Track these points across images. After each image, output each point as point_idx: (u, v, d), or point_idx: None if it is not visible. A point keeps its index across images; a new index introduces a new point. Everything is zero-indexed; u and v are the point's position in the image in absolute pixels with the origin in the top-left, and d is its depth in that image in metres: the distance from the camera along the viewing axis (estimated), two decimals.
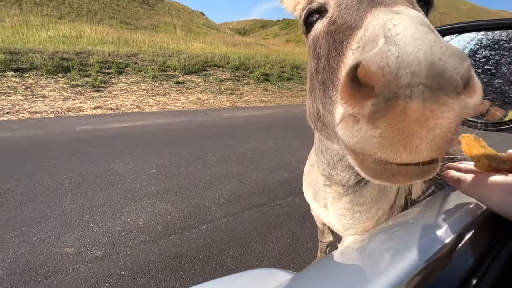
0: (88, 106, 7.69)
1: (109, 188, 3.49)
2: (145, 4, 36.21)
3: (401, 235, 0.67)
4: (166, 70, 12.20)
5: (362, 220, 1.32)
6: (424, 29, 0.36)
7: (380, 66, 0.34)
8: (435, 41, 0.34)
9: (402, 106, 0.34)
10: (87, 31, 17.66)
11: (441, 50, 0.33)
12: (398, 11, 0.42)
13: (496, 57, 0.70)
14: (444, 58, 0.33)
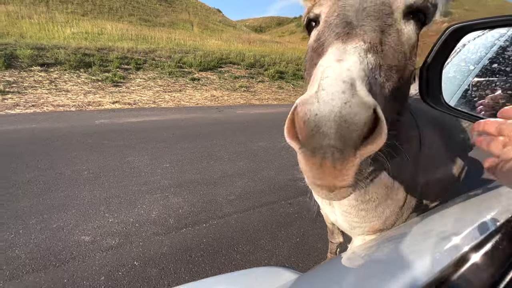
0: (107, 101, 7.96)
1: (125, 180, 3.60)
2: (164, 1, 36.85)
3: (412, 242, 0.64)
4: (182, 67, 12.39)
5: (368, 218, 1.30)
6: (343, 86, 0.45)
7: (304, 120, 0.46)
8: (346, 101, 0.43)
9: (319, 161, 0.47)
10: (108, 28, 18.22)
11: (350, 110, 0.43)
12: (342, 56, 0.52)
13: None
14: (349, 120, 0.43)
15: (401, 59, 0.65)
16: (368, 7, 0.64)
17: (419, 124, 1.38)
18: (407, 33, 0.68)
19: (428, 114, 1.51)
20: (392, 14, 0.66)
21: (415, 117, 1.39)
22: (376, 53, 0.58)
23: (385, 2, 0.66)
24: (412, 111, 1.42)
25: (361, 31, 0.59)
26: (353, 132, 0.43)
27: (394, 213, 1.32)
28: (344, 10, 0.65)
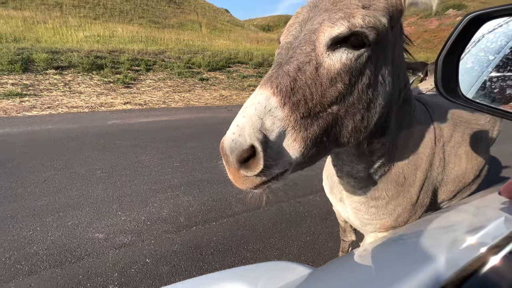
0: (118, 102, 8.13)
1: (136, 179, 3.67)
2: (173, 3, 37.30)
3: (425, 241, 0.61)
4: (191, 67, 12.50)
5: (379, 216, 1.28)
6: (235, 129, 0.67)
7: (220, 146, 0.70)
8: (233, 139, 0.66)
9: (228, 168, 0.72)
10: (119, 31, 18.61)
11: (234, 145, 0.65)
12: (248, 103, 0.71)
13: None
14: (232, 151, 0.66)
15: (318, 90, 0.73)
16: (295, 47, 0.76)
17: (435, 119, 1.34)
18: (329, 64, 0.74)
19: (447, 109, 1.46)
20: (313, 50, 0.74)
21: (430, 113, 1.34)
22: (282, 95, 0.70)
23: (309, 40, 0.75)
24: (428, 105, 1.38)
25: (275, 76, 0.72)
26: (234, 157, 0.66)
27: (407, 211, 1.29)
28: (282, 49, 0.80)
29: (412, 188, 1.29)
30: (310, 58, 0.74)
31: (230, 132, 0.68)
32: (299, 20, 0.83)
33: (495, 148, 4.55)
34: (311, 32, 0.76)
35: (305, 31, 0.77)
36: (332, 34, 0.73)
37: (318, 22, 0.76)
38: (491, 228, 0.46)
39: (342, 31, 0.72)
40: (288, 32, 0.84)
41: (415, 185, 1.28)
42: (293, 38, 0.80)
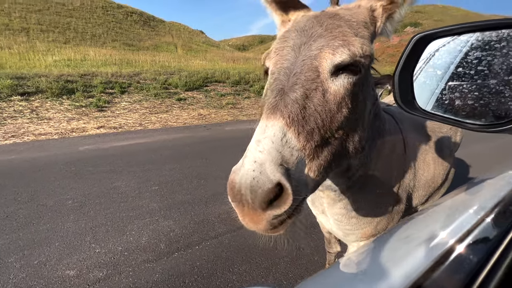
0: (91, 126, 7.81)
1: (112, 207, 3.46)
2: (147, 26, 37.52)
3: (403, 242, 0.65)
4: (168, 88, 12.43)
5: (360, 225, 1.31)
6: (254, 166, 0.62)
7: (230, 186, 0.65)
8: (254, 177, 0.61)
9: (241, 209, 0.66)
10: (91, 54, 18.23)
11: (255, 184, 0.60)
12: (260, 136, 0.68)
13: (488, 58, 0.70)
14: (255, 191, 0.61)
15: (327, 116, 0.74)
16: (297, 73, 0.75)
17: (403, 129, 1.42)
18: (335, 90, 0.76)
19: (413, 120, 1.57)
20: (317, 77, 0.74)
21: (399, 124, 1.43)
22: (294, 124, 0.69)
23: (312, 67, 0.75)
24: (396, 117, 1.47)
25: (283, 105, 0.71)
26: (258, 198, 0.61)
27: (385, 218, 1.33)
28: (279, 75, 0.78)
29: (388, 196, 1.35)
30: (316, 85, 0.74)
31: (247, 168, 0.62)
32: (290, 45, 0.82)
33: (462, 151, 4.89)
34: (312, 59, 0.75)
35: (303, 56, 0.77)
36: (334, 61, 0.74)
37: (317, 48, 0.76)
38: (458, 223, 0.51)
39: (345, 59, 0.74)
40: (281, 57, 0.82)
41: (390, 192, 1.34)
42: (290, 63, 0.78)
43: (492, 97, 0.69)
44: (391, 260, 0.53)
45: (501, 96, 0.67)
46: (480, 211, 0.53)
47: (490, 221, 0.50)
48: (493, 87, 0.68)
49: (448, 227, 0.52)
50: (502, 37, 0.66)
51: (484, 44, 0.70)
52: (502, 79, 0.67)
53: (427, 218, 0.77)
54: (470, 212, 0.55)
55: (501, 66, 0.66)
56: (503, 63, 0.66)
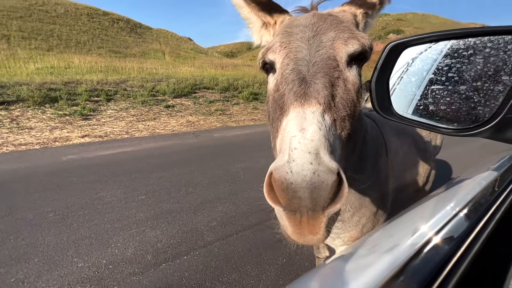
0: (75, 135, 7.58)
1: (96, 218, 3.35)
2: (134, 33, 37.20)
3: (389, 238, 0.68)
4: (155, 95, 12.29)
5: (346, 229, 1.32)
6: (310, 157, 0.54)
7: (282, 188, 0.54)
8: (314, 171, 0.52)
9: (297, 218, 0.57)
10: (75, 61, 17.84)
11: (318, 179, 0.52)
12: (304, 125, 0.61)
13: (458, 65, 0.73)
14: (318, 187, 0.52)
15: (351, 105, 0.75)
16: (317, 62, 0.74)
17: (384, 133, 1.46)
18: (352, 79, 0.78)
19: (393, 125, 1.61)
20: (337, 66, 0.76)
21: (380, 128, 1.47)
22: (330, 110, 0.67)
23: (331, 56, 0.76)
24: (377, 121, 1.51)
25: (314, 91, 0.67)
26: (323, 196, 0.53)
27: (370, 220, 1.35)
28: (297, 65, 0.75)
29: (372, 198, 1.37)
30: (338, 73, 0.75)
31: (302, 162, 0.53)
32: (298, 38, 0.82)
33: (445, 153, 5.02)
34: (328, 48, 0.77)
35: (318, 47, 0.77)
36: (348, 51, 0.77)
37: (328, 39, 0.78)
38: (437, 218, 0.56)
39: (356, 49, 0.77)
40: (292, 48, 0.80)
41: (374, 195, 1.36)
42: (304, 54, 0.77)
43: (462, 103, 0.71)
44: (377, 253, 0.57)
45: (470, 101, 0.70)
46: (456, 207, 0.58)
47: (463, 215, 0.55)
48: (463, 93, 0.71)
49: (428, 221, 0.56)
50: (469, 45, 0.69)
51: (453, 52, 0.73)
52: (471, 85, 0.70)
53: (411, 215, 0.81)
54: (447, 208, 0.59)
55: (469, 73, 0.69)
56: (471, 70, 0.69)
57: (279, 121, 0.73)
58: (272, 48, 0.86)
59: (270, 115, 0.86)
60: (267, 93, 0.92)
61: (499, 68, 0.64)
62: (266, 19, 1.12)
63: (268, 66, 0.90)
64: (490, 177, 0.69)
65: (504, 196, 0.56)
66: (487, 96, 0.67)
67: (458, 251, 0.46)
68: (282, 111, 0.72)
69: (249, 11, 1.14)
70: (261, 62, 0.92)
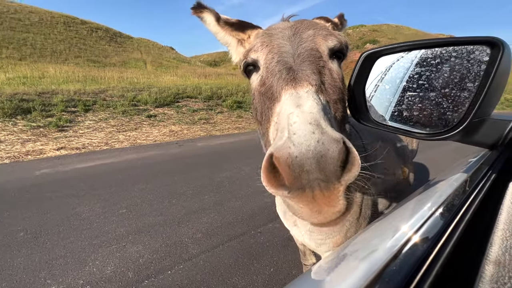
0: (50, 148, 7.20)
1: (72, 236, 3.15)
2: (114, 42, 36.44)
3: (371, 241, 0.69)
4: (136, 105, 12.00)
5: (330, 234, 1.34)
6: (311, 128, 0.52)
7: (287, 164, 0.50)
8: (318, 139, 0.50)
9: (309, 195, 0.52)
10: (50, 71, 17.13)
11: (323, 147, 0.49)
12: (299, 102, 0.60)
13: (427, 73, 0.77)
14: (325, 155, 0.49)
15: (338, 92, 0.78)
16: (301, 53, 0.77)
17: (363, 138, 1.50)
18: (336, 70, 0.83)
19: (371, 130, 1.66)
20: (321, 57, 0.80)
21: (359, 133, 1.51)
22: (322, 92, 0.69)
23: (314, 48, 0.80)
24: (356, 127, 1.55)
25: (304, 75, 0.68)
26: (331, 164, 0.49)
27: (353, 225, 1.37)
28: (282, 57, 0.77)
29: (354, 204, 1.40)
30: (323, 63, 0.78)
31: (304, 133, 0.51)
32: (279, 37, 0.84)
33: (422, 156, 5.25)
34: (310, 42, 0.80)
35: (299, 42, 0.80)
36: (328, 45, 0.81)
37: (308, 36, 0.82)
38: (416, 218, 0.58)
39: (335, 44, 0.82)
40: (275, 45, 0.82)
41: (357, 199, 1.39)
42: (288, 48, 0.79)
43: (433, 108, 0.75)
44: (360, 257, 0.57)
45: (440, 107, 0.73)
46: (432, 207, 0.61)
47: (439, 215, 0.57)
48: (433, 99, 0.75)
49: (408, 221, 0.58)
50: (436, 55, 0.74)
51: (423, 61, 0.77)
52: (440, 92, 0.74)
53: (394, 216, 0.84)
54: (425, 209, 0.62)
55: (438, 81, 0.73)
56: (439, 78, 0.73)
57: (270, 110, 0.72)
58: (254, 48, 0.88)
59: (258, 110, 0.84)
60: (252, 92, 0.91)
61: (464, 76, 0.68)
62: (240, 36, 1.17)
63: (251, 66, 0.91)
64: (461, 178, 0.73)
65: (474, 196, 0.59)
66: (455, 102, 0.71)
67: (433, 250, 0.48)
68: (272, 99, 0.71)
69: (224, 34, 1.19)
70: (243, 64, 0.93)
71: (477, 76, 0.65)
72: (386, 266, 0.44)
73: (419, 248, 0.48)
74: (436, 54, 0.74)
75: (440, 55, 0.72)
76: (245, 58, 0.90)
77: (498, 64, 0.60)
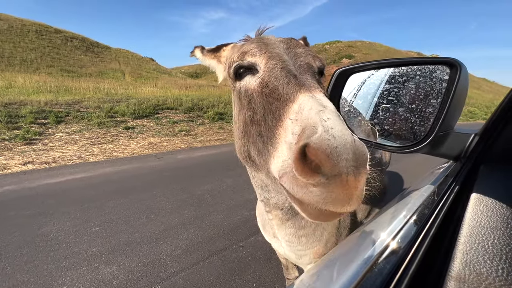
0: (16, 163, 6.68)
1: (37, 258, 2.90)
2: (90, 52, 35.36)
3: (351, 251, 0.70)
4: (113, 116, 11.58)
5: (310, 244, 1.34)
6: (344, 125, 0.58)
7: (327, 154, 0.54)
8: (352, 137, 0.56)
9: (345, 179, 0.56)
10: (19, 81, 16.18)
11: (356, 143, 0.56)
12: (323, 103, 0.66)
13: (395, 90, 0.82)
14: (358, 149, 0.56)
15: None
16: (301, 65, 0.84)
17: None
18: (324, 87, 0.91)
19: None
20: (315, 73, 0.87)
21: None
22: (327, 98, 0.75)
23: (310, 63, 0.88)
24: None
25: (311, 83, 0.75)
26: (364, 155, 0.57)
27: (333, 235, 1.38)
28: (285, 64, 0.82)
29: None
30: (317, 78, 0.86)
31: (340, 128, 0.57)
32: (275, 47, 0.91)
33: (396, 166, 5.49)
34: (305, 58, 0.88)
35: (296, 56, 0.88)
36: (317, 65, 0.89)
37: (301, 53, 0.89)
38: (393, 225, 0.61)
39: (321, 66, 0.90)
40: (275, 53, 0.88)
41: None
42: (287, 58, 0.87)
43: (402, 123, 0.80)
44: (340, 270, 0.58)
45: (408, 121, 0.78)
46: (407, 214, 0.64)
47: (413, 222, 0.60)
48: (402, 114, 0.79)
49: (387, 229, 0.60)
50: (402, 73, 0.79)
51: (391, 78, 0.82)
52: (407, 107, 0.78)
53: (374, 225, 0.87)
54: (400, 217, 0.65)
55: (405, 97, 0.78)
56: (406, 94, 0.78)
57: (281, 110, 0.74)
58: (250, 52, 0.92)
59: (258, 111, 0.84)
60: (246, 93, 0.91)
61: (428, 93, 0.73)
62: (217, 56, 1.33)
63: (244, 69, 0.92)
64: (430, 188, 0.77)
65: (440, 208, 0.62)
66: (421, 117, 0.75)
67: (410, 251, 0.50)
68: (283, 100, 0.74)
69: (208, 59, 1.37)
70: (235, 65, 0.94)
71: (440, 93, 0.70)
72: (363, 277, 0.44)
73: (393, 257, 0.50)
74: (403, 73, 0.79)
75: (406, 73, 0.77)
76: (240, 60, 0.92)
77: (457, 82, 0.65)
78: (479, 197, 0.59)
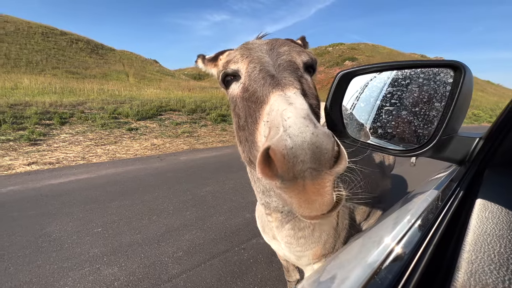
0: (20, 163, 6.75)
1: (40, 259, 2.91)
2: (95, 54, 35.73)
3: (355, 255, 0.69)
4: (117, 118, 11.66)
5: (309, 245, 1.34)
6: (306, 122, 0.55)
7: (283, 155, 0.52)
8: (313, 132, 0.53)
9: (301, 184, 0.54)
10: (25, 82, 16.38)
11: (317, 139, 0.52)
12: (290, 100, 0.64)
13: (398, 93, 0.81)
14: (319, 146, 0.52)
15: (315, 99, 0.86)
16: (281, 64, 0.83)
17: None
18: (310, 81, 0.90)
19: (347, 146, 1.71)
20: (298, 68, 0.86)
21: None
22: (305, 96, 0.74)
23: (292, 60, 0.87)
24: None
25: (288, 81, 0.73)
26: (325, 154, 0.52)
27: (331, 236, 1.37)
28: (263, 66, 0.82)
29: None
30: (301, 73, 0.85)
31: (299, 126, 0.53)
32: (257, 50, 0.91)
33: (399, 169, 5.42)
34: (287, 55, 0.87)
35: (277, 55, 0.87)
36: (303, 59, 0.88)
37: (284, 51, 0.89)
38: (397, 229, 0.60)
39: (308, 60, 0.89)
40: (256, 57, 0.88)
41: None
42: (268, 59, 0.85)
43: (405, 126, 0.78)
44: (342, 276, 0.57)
45: (412, 125, 0.77)
46: (412, 219, 0.63)
47: (417, 227, 0.59)
48: (405, 117, 0.78)
49: (391, 233, 0.59)
50: (406, 76, 0.78)
51: (394, 81, 0.81)
52: (410, 110, 0.77)
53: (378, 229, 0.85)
54: (405, 221, 0.64)
55: (408, 100, 0.77)
56: (409, 97, 0.77)
57: (257, 112, 0.75)
58: (233, 59, 0.93)
59: (241, 116, 0.86)
60: (232, 100, 0.94)
61: (432, 96, 0.72)
62: (215, 64, 1.34)
63: (230, 77, 0.95)
64: (434, 193, 0.75)
65: (444, 213, 0.61)
66: (425, 120, 0.74)
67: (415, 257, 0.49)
68: (258, 102, 0.75)
69: (208, 68, 1.38)
70: (221, 74, 0.97)
71: (443, 96, 0.69)
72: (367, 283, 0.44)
73: (397, 265, 0.49)
74: (406, 75, 0.78)
75: (409, 76, 0.76)
76: (225, 69, 0.94)
77: (461, 85, 0.64)
78: (484, 203, 0.58)
